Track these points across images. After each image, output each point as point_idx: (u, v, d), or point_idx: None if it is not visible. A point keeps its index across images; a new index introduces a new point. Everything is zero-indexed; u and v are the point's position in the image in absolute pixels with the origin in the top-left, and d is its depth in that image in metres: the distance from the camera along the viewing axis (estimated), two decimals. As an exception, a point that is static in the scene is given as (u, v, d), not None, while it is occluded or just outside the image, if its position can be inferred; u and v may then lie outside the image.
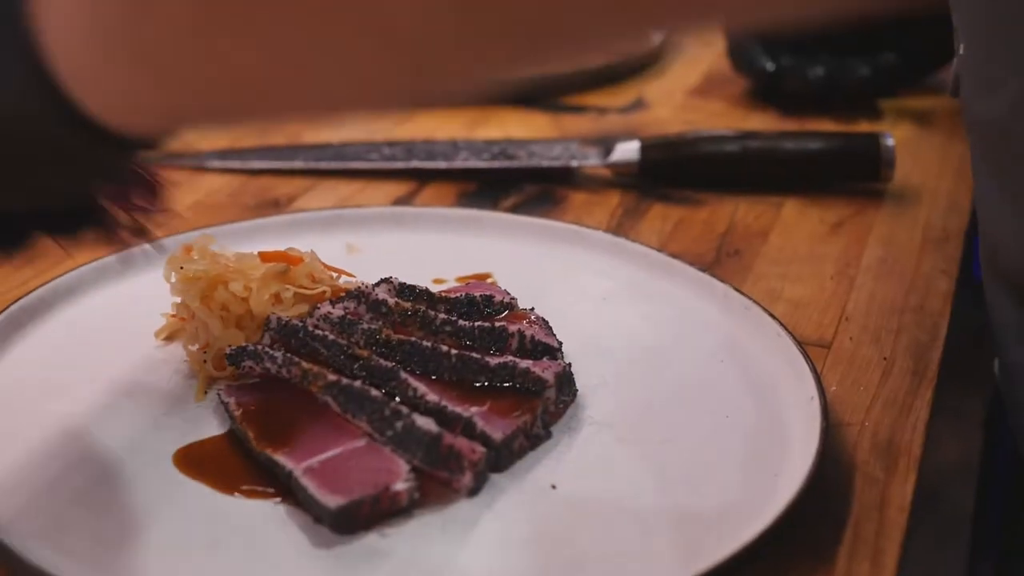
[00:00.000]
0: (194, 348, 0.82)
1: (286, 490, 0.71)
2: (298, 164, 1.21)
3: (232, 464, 0.74)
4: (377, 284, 0.86)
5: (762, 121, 1.39)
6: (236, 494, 0.72)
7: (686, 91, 1.50)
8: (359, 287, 0.84)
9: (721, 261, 1.04)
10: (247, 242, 0.95)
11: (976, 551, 0.92)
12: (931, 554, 0.89)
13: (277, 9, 0.43)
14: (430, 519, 0.70)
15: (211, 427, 0.77)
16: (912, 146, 1.31)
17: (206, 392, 0.79)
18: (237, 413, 0.75)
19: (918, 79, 1.46)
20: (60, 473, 0.74)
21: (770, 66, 1.40)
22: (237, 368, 0.77)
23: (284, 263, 0.83)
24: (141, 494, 0.72)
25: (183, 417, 0.79)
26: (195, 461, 0.74)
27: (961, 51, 0.80)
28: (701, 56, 1.61)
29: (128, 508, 0.71)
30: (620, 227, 1.10)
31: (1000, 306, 0.85)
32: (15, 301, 0.89)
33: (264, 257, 0.84)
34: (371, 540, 0.68)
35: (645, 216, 1.13)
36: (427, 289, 0.86)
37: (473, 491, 0.71)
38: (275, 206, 1.14)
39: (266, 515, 0.70)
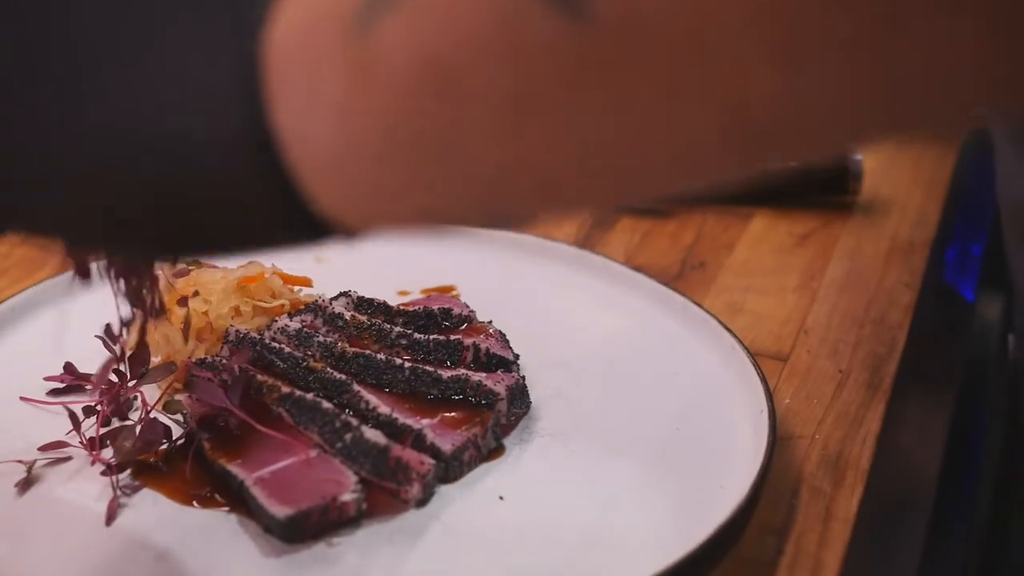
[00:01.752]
0: (157, 359, 0.83)
1: (238, 499, 0.73)
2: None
3: (187, 473, 0.75)
4: (335, 298, 0.88)
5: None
6: (188, 503, 0.73)
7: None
8: (317, 301, 0.86)
9: (685, 274, 1.06)
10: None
11: (931, 564, 0.93)
12: (879, 567, 0.90)
13: (621, 91, 0.36)
14: (378, 529, 0.71)
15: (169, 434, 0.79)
16: (886, 159, 1.32)
17: (166, 402, 0.81)
18: (193, 423, 0.76)
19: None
20: (14, 478, 0.76)
21: None
22: (196, 379, 0.79)
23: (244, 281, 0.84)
24: (95, 501, 0.74)
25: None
26: (150, 469, 0.76)
27: None
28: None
29: (81, 515, 0.73)
30: (588, 239, 1.12)
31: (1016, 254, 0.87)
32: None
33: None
34: (320, 549, 0.70)
35: (613, 228, 1.14)
36: (384, 303, 0.88)
37: (421, 502, 0.73)
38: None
39: (218, 524, 0.72)
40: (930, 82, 0.34)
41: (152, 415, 0.77)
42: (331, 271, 1.00)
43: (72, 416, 0.77)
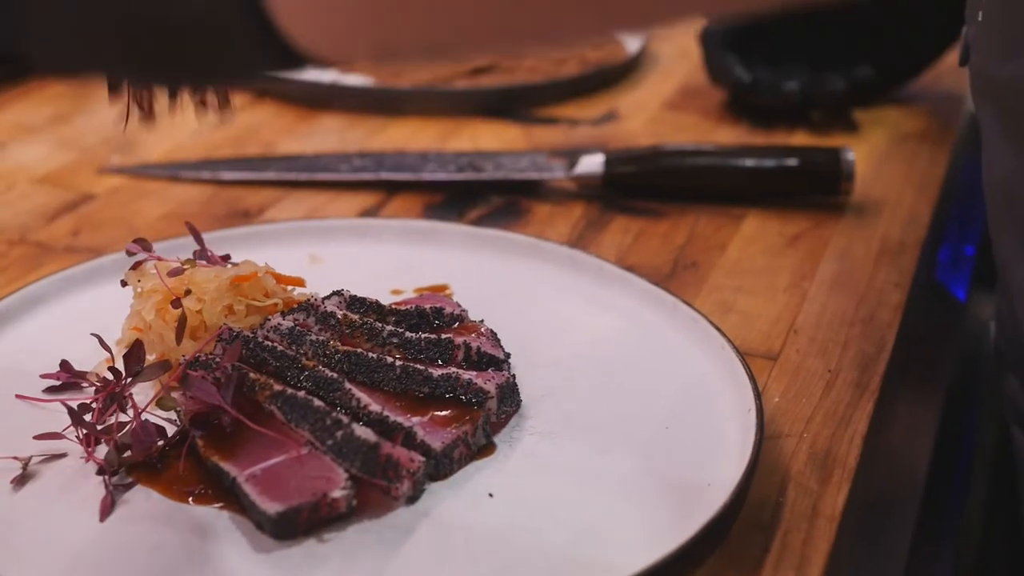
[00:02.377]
0: (151, 357, 0.84)
1: (231, 496, 0.73)
2: (269, 175, 1.23)
3: (181, 469, 0.76)
4: (328, 297, 0.89)
5: (732, 134, 1.41)
6: (181, 500, 0.74)
7: (660, 103, 1.51)
8: (309, 300, 0.87)
9: (677, 273, 1.07)
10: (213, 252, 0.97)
11: (919, 562, 0.94)
12: (865, 565, 0.91)
13: None
14: (368, 525, 0.72)
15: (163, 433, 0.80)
16: (881, 158, 1.33)
17: (160, 399, 0.81)
18: (187, 420, 0.77)
19: (894, 91, 1.47)
20: (9, 475, 0.77)
21: (746, 76, 1.41)
22: (189, 377, 0.80)
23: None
24: (89, 498, 0.75)
25: (137, 424, 0.81)
26: (144, 466, 0.77)
27: (980, 18, 0.83)
28: (677, 68, 1.62)
29: (75, 511, 0.74)
30: (582, 239, 1.12)
31: (1017, 265, 0.88)
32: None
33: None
34: (310, 545, 0.71)
35: (607, 228, 1.15)
36: (377, 301, 0.89)
37: (411, 499, 0.74)
38: (245, 216, 1.17)
39: (210, 520, 0.73)
40: None
41: (144, 417, 0.78)
42: (325, 270, 1.01)
43: (71, 411, 0.78)
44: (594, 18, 0.46)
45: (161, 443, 0.77)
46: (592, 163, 1.21)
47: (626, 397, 0.86)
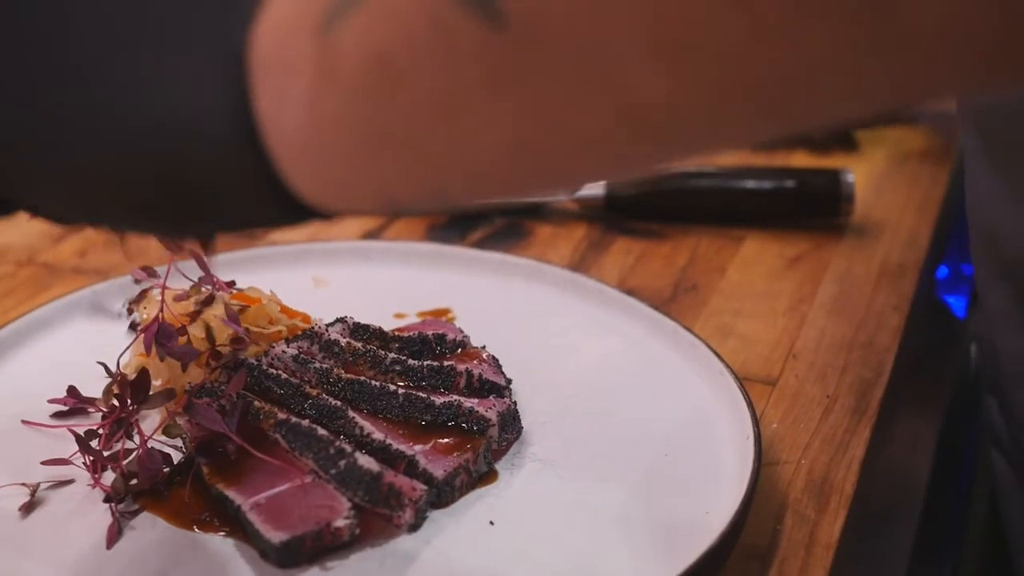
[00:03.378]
0: (156, 383, 0.85)
1: (235, 523, 0.75)
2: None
3: (186, 496, 0.77)
4: (332, 324, 0.90)
5: (733, 155, 1.41)
6: (187, 527, 0.75)
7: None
8: (313, 327, 0.88)
9: (678, 297, 1.08)
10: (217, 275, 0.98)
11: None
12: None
13: (530, 101, 0.42)
14: (371, 553, 0.73)
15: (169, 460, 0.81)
16: (881, 178, 1.34)
17: (166, 426, 0.82)
18: (192, 447, 0.78)
19: (896, 111, 1.48)
20: (17, 501, 0.78)
21: None
22: (194, 405, 0.81)
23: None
24: (95, 524, 0.76)
25: (143, 450, 0.82)
26: (150, 493, 0.78)
27: None
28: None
29: (82, 538, 0.75)
30: (584, 261, 1.14)
31: (993, 291, 0.88)
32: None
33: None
34: (313, 573, 0.72)
35: (608, 250, 1.16)
36: (380, 328, 0.90)
37: (413, 527, 0.75)
38: (249, 237, 1.18)
39: (215, 548, 0.74)
40: (798, 84, 0.39)
41: (150, 445, 0.79)
42: (329, 293, 1.02)
43: (78, 438, 0.79)
44: (604, 168, 0.47)
45: (167, 470, 0.79)
46: (594, 185, 1.22)
47: (626, 423, 0.86)
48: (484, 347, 0.90)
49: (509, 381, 0.87)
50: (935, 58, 0.37)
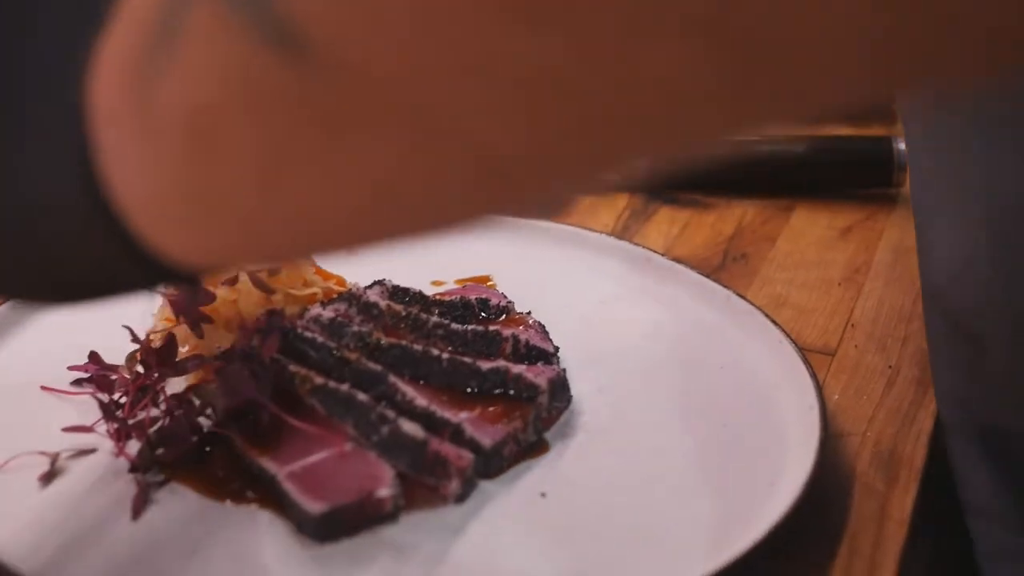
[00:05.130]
0: (184, 349, 0.80)
1: (269, 495, 0.70)
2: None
3: (216, 467, 0.72)
4: (370, 286, 0.85)
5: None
6: (217, 498, 0.70)
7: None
8: (351, 289, 0.83)
9: (727, 265, 1.03)
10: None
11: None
12: (936, 569, 0.87)
13: (359, 146, 0.37)
14: (416, 526, 0.69)
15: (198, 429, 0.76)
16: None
17: (195, 392, 0.78)
18: (223, 415, 0.74)
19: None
20: (36, 471, 0.73)
21: None
22: (225, 371, 0.76)
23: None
24: (120, 495, 0.71)
25: (170, 419, 0.77)
26: (179, 463, 0.73)
27: None
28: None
29: (106, 509, 0.70)
30: (626, 230, 1.09)
31: (934, 329, 0.83)
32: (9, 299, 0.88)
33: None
34: (354, 547, 0.67)
35: (651, 219, 1.11)
36: (421, 292, 0.85)
37: (460, 498, 0.70)
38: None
39: (248, 521, 0.69)
40: (638, 109, 0.33)
41: (178, 413, 0.74)
42: (361, 261, 0.97)
43: (102, 405, 0.75)
44: (460, 214, 0.41)
45: (196, 440, 0.74)
46: (635, 152, 1.17)
47: (680, 393, 0.82)
48: (529, 313, 0.85)
49: (556, 348, 0.82)
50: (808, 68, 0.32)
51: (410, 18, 0.33)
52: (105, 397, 0.76)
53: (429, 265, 0.96)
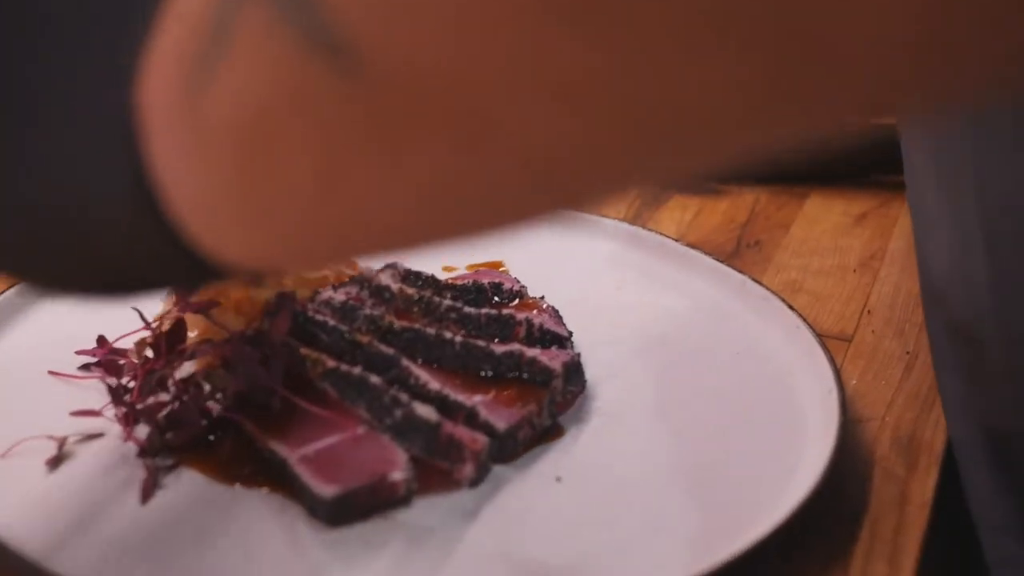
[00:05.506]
0: (193, 334, 0.79)
1: (280, 479, 0.69)
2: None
3: (226, 451, 0.71)
4: (382, 269, 0.84)
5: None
6: (227, 483, 0.69)
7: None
8: (362, 272, 0.82)
9: (741, 252, 1.02)
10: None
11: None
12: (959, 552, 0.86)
13: (411, 150, 0.37)
14: (429, 510, 0.68)
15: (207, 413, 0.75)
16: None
17: (205, 375, 0.77)
18: (233, 399, 0.72)
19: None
20: (44, 455, 0.72)
21: None
22: (235, 354, 0.75)
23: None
24: (129, 479, 0.70)
25: (179, 404, 0.76)
26: (188, 447, 0.72)
27: None
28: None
29: (114, 494, 0.69)
30: (638, 217, 1.07)
31: (934, 333, 0.82)
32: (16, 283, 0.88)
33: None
34: (367, 531, 0.66)
35: (664, 206, 1.10)
36: (433, 276, 0.84)
37: (475, 482, 0.69)
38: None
39: (258, 505, 0.68)
40: (690, 116, 0.33)
41: (187, 397, 0.73)
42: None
43: (111, 388, 0.73)
44: (514, 216, 0.42)
45: (205, 424, 0.73)
46: (647, 139, 1.16)
47: (695, 378, 0.81)
48: (543, 297, 0.84)
49: (570, 333, 0.81)
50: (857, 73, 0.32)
51: (456, 23, 0.32)
52: (113, 381, 0.74)
53: (441, 251, 0.95)
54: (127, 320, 0.78)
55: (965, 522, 0.81)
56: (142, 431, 0.73)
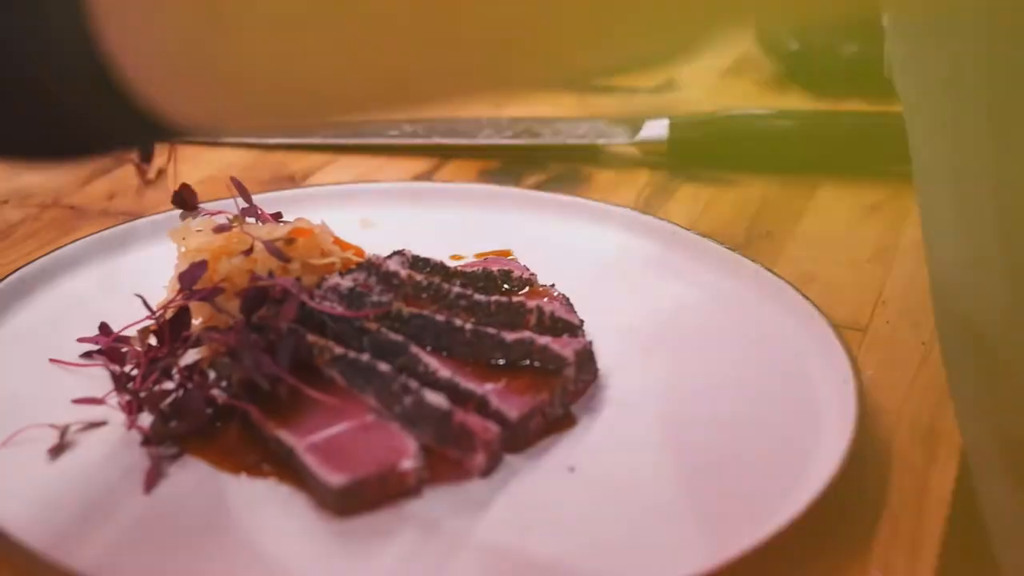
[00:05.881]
0: (197, 322, 0.78)
1: (288, 468, 0.67)
2: (315, 139, 1.17)
3: (232, 440, 0.70)
4: (390, 256, 0.82)
5: (796, 103, 1.34)
6: (233, 472, 0.68)
7: (718, 73, 1.46)
8: (370, 259, 0.80)
9: (752, 242, 1.00)
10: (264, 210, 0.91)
11: None
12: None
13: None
14: (440, 500, 0.66)
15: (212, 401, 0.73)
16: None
17: (211, 363, 0.75)
18: (239, 387, 0.71)
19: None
20: (46, 443, 0.71)
21: (793, 45, 1.36)
22: (240, 341, 0.73)
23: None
24: (132, 468, 0.69)
25: (183, 391, 0.75)
26: (193, 435, 0.70)
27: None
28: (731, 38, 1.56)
29: (117, 483, 0.68)
30: (647, 207, 1.06)
31: (946, 333, 0.80)
32: (16, 270, 0.86)
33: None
34: (376, 521, 0.64)
35: (673, 196, 1.09)
36: (442, 262, 0.82)
37: (486, 471, 0.67)
38: (290, 181, 1.11)
39: (265, 495, 0.67)
40: None
41: (191, 385, 0.72)
42: (378, 235, 0.94)
43: (114, 376, 0.72)
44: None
45: (210, 412, 0.71)
46: (656, 128, 1.15)
47: (708, 367, 0.79)
48: (553, 285, 0.83)
49: (582, 322, 0.79)
50: None
51: None
52: (117, 369, 0.73)
53: (449, 240, 0.94)
54: (130, 307, 0.76)
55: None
56: (146, 419, 0.71)
